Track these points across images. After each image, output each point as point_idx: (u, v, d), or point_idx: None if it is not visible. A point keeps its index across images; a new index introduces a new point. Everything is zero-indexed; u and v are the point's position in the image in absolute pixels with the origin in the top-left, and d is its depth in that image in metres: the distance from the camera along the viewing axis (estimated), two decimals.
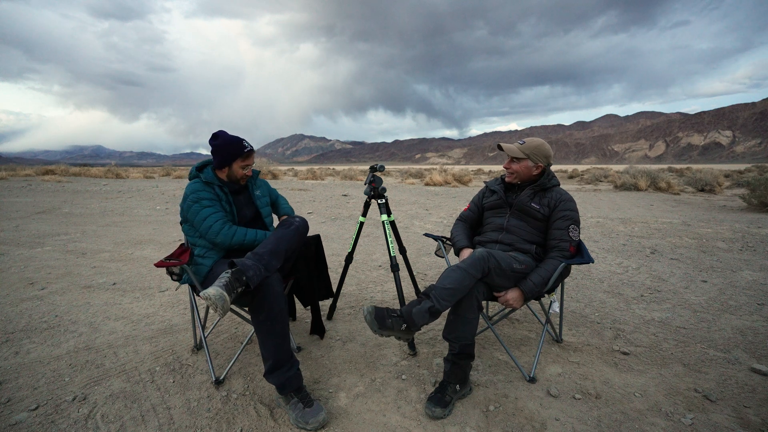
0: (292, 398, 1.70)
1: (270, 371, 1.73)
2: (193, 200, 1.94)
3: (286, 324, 1.77)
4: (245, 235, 1.95)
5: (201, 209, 1.92)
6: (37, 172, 18.31)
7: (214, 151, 2.04)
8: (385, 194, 2.55)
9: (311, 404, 1.68)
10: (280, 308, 1.74)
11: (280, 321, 1.72)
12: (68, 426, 1.66)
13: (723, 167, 38.02)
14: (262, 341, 1.73)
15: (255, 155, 2.11)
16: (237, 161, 2.02)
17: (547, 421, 1.70)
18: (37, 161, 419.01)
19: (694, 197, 11.67)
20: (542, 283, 1.93)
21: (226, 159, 2.01)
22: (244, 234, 1.95)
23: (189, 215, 1.95)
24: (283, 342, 1.73)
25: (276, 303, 1.72)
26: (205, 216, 1.91)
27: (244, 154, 2.02)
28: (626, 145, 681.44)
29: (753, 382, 1.98)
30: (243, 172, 2.05)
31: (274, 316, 1.71)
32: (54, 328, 2.57)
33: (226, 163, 2.03)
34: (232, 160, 2.01)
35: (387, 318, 1.70)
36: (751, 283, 3.46)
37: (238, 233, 1.93)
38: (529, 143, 2.13)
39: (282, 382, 1.71)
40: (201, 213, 1.91)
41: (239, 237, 1.93)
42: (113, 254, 4.50)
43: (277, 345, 1.71)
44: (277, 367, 1.72)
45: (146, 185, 13.74)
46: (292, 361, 1.76)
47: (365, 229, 5.92)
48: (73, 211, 7.90)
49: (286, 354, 1.74)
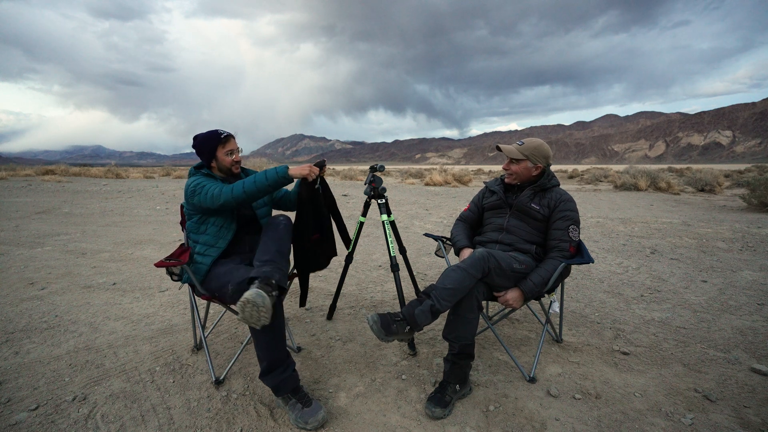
0: (290, 399, 1.70)
1: (265, 372, 1.72)
2: (195, 185, 1.95)
3: (282, 325, 1.76)
4: (243, 185, 1.89)
5: (202, 188, 1.93)
6: (37, 172, 18.31)
7: (197, 151, 2.09)
8: (385, 194, 2.55)
9: (310, 404, 1.68)
10: (275, 310, 1.71)
11: (274, 321, 1.71)
12: (68, 426, 1.66)
13: (723, 167, 38.02)
14: (257, 342, 1.72)
15: (239, 144, 2.11)
16: (218, 149, 2.04)
17: (547, 421, 1.70)
18: (37, 161, 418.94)
19: (694, 197, 11.67)
20: (542, 283, 1.93)
21: (209, 152, 2.05)
22: (241, 185, 1.90)
23: (195, 199, 1.94)
24: (277, 343, 1.72)
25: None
26: (207, 190, 1.91)
27: (222, 140, 2.04)
28: (626, 145, 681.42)
29: (753, 382, 1.98)
30: (230, 159, 2.07)
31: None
32: (54, 328, 2.57)
33: (211, 157, 2.06)
34: (214, 150, 2.04)
35: (392, 323, 1.70)
36: (751, 283, 3.46)
37: (235, 187, 1.89)
38: (528, 144, 2.13)
39: (277, 384, 1.71)
40: (203, 190, 1.92)
41: (238, 188, 1.88)
42: (113, 254, 4.50)
43: (271, 346, 1.71)
44: (272, 368, 1.71)
45: (146, 185, 13.74)
46: (288, 362, 1.75)
47: (365, 229, 5.92)
48: (73, 211, 7.90)
49: (281, 355, 1.73)
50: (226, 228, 2.02)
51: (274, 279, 1.70)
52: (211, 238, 1.99)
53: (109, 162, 47.71)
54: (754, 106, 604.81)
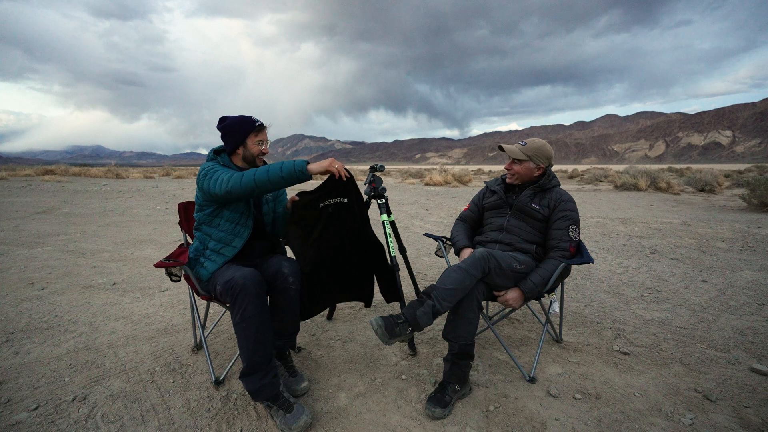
0: (272, 407, 1.68)
1: (245, 374, 1.70)
2: (208, 168, 1.84)
3: (264, 329, 1.70)
4: (255, 174, 1.72)
5: (214, 173, 1.80)
6: (37, 172, 18.31)
7: (225, 133, 1.93)
8: (385, 194, 2.55)
9: (291, 409, 1.65)
10: (255, 312, 1.67)
11: (254, 325, 1.67)
12: (68, 426, 1.65)
13: (723, 167, 38.02)
14: (239, 342, 1.70)
15: (267, 135, 1.98)
16: (250, 137, 1.91)
17: (547, 421, 1.70)
18: (37, 161, 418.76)
19: (694, 197, 11.66)
20: (542, 283, 1.93)
21: (238, 137, 1.91)
22: (253, 173, 1.72)
23: (204, 183, 1.82)
24: (256, 346, 1.67)
25: (250, 306, 1.66)
26: (219, 175, 1.78)
27: (256, 128, 1.91)
28: (626, 145, 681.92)
29: (753, 382, 1.98)
30: (259, 149, 1.94)
31: (248, 318, 1.66)
32: (54, 328, 2.57)
33: (239, 142, 1.92)
34: (245, 136, 1.90)
35: (395, 326, 1.70)
36: (751, 283, 3.46)
37: (246, 175, 1.73)
38: (531, 144, 2.13)
39: (256, 389, 1.67)
40: (215, 175, 1.79)
41: (248, 176, 1.72)
42: (113, 254, 4.50)
43: (251, 349, 1.67)
44: (252, 371, 1.68)
45: (146, 185, 13.75)
46: (269, 368, 1.70)
47: None
48: (73, 211, 7.90)
49: (262, 359, 1.69)
50: (242, 225, 1.92)
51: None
52: (226, 236, 1.89)
53: (109, 162, 47.76)
54: (755, 106, 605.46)
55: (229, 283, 1.69)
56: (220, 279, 1.77)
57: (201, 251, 1.94)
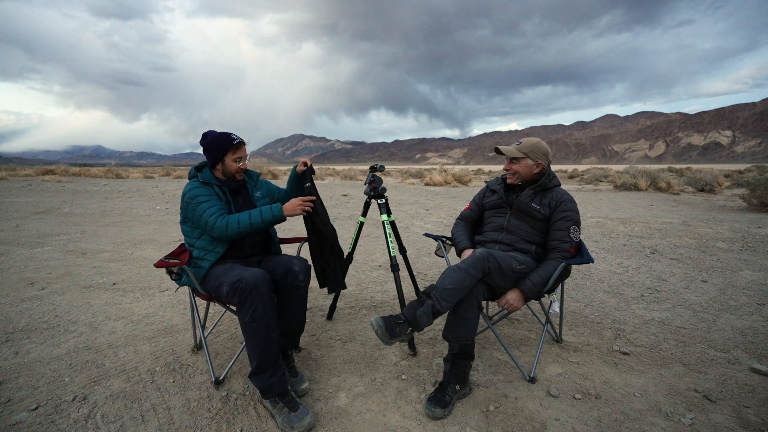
0: (278, 403, 1.69)
1: (254, 373, 1.72)
2: (190, 198, 1.94)
3: (273, 328, 1.73)
4: (239, 224, 1.88)
5: (197, 206, 1.91)
6: (37, 172, 18.32)
7: (205, 149, 2.05)
8: (385, 194, 2.55)
9: (297, 408, 1.67)
10: (265, 311, 1.70)
11: (264, 324, 1.70)
12: (68, 426, 1.65)
13: (723, 167, 38.02)
14: (247, 342, 1.72)
15: (247, 151, 2.10)
16: (228, 155, 2.01)
17: (547, 421, 1.70)
18: (37, 161, 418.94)
19: (694, 197, 11.67)
20: (542, 283, 1.93)
21: (217, 155, 2.02)
22: (237, 222, 1.88)
23: (188, 214, 1.96)
24: (267, 345, 1.70)
25: (261, 306, 1.69)
26: (201, 212, 1.90)
27: (234, 146, 2.01)
28: (626, 145, 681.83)
29: (753, 382, 1.98)
30: (237, 166, 2.04)
31: (259, 317, 1.69)
32: (54, 328, 2.57)
33: (218, 160, 2.03)
34: (222, 154, 2.01)
35: (395, 327, 1.70)
36: (751, 283, 3.46)
37: (230, 223, 1.87)
38: (526, 142, 2.14)
39: (265, 387, 1.69)
40: (197, 210, 1.91)
41: (233, 227, 1.87)
42: (113, 254, 4.50)
43: (261, 348, 1.69)
44: (261, 370, 1.70)
45: (146, 185, 13.75)
46: (277, 366, 1.73)
47: (365, 229, 5.92)
48: (73, 211, 7.90)
49: (271, 358, 1.71)
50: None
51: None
52: (208, 244, 1.97)
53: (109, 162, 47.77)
54: (755, 106, 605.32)
55: (238, 283, 1.71)
56: (227, 279, 1.78)
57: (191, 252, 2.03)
